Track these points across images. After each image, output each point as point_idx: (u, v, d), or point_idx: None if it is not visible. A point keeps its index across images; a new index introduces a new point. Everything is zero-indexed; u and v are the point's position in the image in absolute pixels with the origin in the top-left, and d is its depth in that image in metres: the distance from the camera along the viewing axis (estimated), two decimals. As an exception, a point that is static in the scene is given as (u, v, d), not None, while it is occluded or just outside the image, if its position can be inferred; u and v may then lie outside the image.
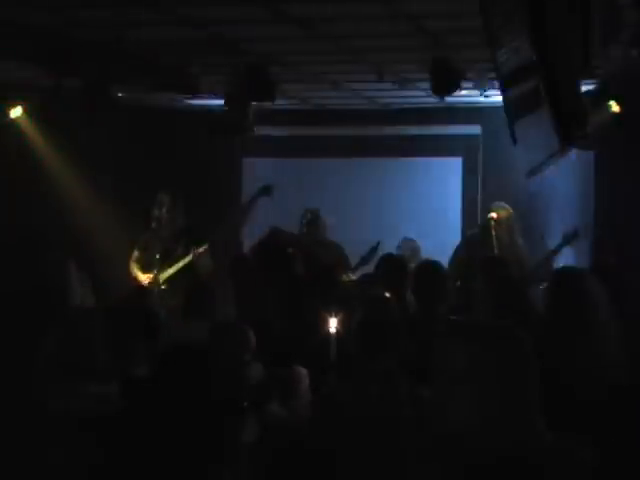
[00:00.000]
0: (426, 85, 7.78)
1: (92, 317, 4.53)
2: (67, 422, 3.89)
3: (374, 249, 8.22)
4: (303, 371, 4.87)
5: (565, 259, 8.38)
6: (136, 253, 8.95)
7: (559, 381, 4.54)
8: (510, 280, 6.05)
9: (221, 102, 8.41)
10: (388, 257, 7.00)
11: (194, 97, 9.47)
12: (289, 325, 5.92)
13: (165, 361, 3.66)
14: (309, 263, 7.26)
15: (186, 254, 8.85)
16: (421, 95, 9.38)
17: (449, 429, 2.63)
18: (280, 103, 8.43)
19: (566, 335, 4.83)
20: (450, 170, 10.89)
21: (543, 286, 6.12)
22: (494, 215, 8.47)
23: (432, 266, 6.15)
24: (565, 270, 5.85)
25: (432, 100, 8.57)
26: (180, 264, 8.85)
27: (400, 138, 10.79)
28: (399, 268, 6.54)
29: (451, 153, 10.76)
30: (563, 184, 9.63)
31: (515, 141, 5.84)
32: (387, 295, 5.69)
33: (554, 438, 2.69)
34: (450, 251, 8.61)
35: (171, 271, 8.86)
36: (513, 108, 5.73)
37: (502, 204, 8.69)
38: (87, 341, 4.34)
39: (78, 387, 4.10)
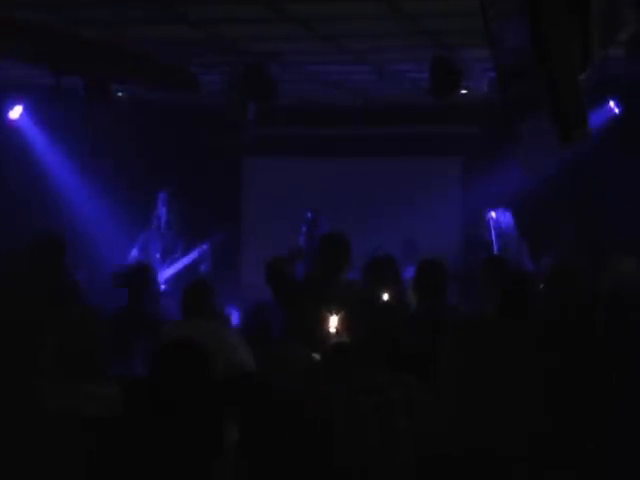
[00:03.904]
0: (426, 84, 7.78)
1: (92, 316, 4.53)
2: (67, 422, 3.89)
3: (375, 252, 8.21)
4: None
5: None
6: (136, 253, 8.95)
7: (561, 379, 4.55)
8: (510, 279, 6.04)
9: (221, 102, 8.41)
10: (374, 259, 7.08)
11: (194, 96, 9.47)
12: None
13: (160, 359, 3.66)
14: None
15: (186, 254, 8.86)
16: (420, 94, 9.38)
17: (449, 424, 2.64)
18: (280, 103, 8.44)
19: (566, 333, 4.83)
20: (450, 170, 10.89)
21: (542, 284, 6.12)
22: (493, 215, 8.49)
23: (433, 264, 6.16)
24: (562, 267, 5.86)
25: (432, 99, 8.57)
26: (180, 264, 8.86)
27: (400, 138, 10.79)
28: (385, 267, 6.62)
29: (451, 153, 10.76)
30: (562, 183, 9.62)
31: (515, 141, 5.84)
32: (386, 298, 5.70)
33: (557, 436, 2.69)
34: (450, 251, 8.61)
35: (171, 271, 8.87)
36: (512, 108, 5.73)
37: (501, 204, 8.71)
38: (88, 341, 4.34)
39: (78, 387, 4.10)
